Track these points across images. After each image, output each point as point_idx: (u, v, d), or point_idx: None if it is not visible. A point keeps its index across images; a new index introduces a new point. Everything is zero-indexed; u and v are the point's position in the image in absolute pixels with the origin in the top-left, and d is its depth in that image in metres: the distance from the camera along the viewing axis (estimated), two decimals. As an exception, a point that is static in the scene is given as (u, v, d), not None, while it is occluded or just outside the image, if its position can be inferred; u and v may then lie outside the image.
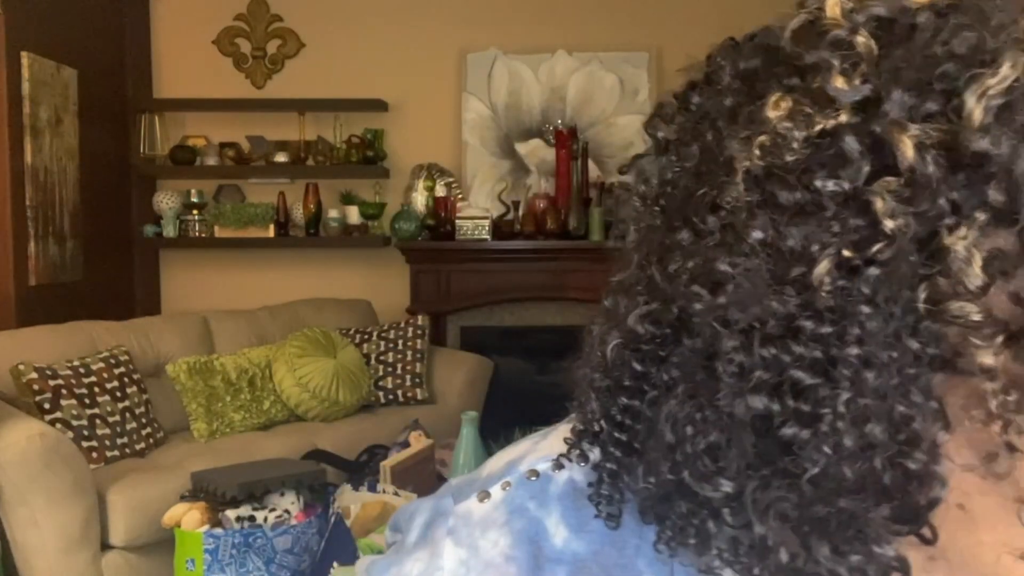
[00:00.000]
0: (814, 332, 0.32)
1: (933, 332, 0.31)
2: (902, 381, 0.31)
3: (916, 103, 0.31)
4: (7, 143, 3.66)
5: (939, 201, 0.30)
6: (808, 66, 0.33)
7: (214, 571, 2.70)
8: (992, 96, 0.30)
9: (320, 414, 3.95)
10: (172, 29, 4.81)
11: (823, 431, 0.32)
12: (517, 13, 4.67)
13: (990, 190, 0.30)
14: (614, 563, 0.41)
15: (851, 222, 0.31)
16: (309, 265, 4.83)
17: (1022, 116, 0.30)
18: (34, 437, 2.79)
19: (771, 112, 0.33)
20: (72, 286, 4.13)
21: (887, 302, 0.31)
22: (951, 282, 0.30)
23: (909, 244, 0.31)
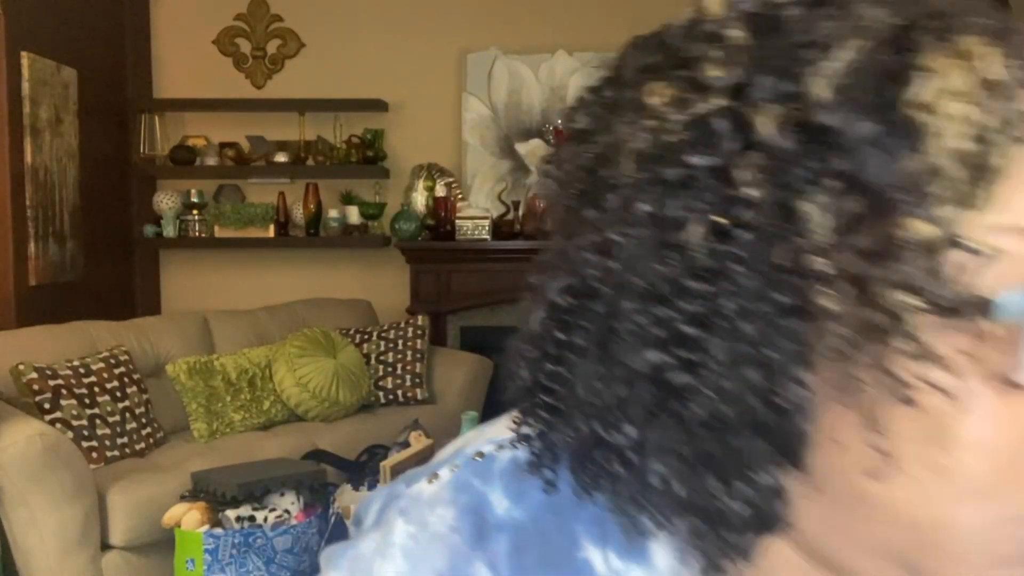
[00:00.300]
0: (695, 290, 0.36)
1: (795, 286, 0.35)
2: (771, 329, 0.36)
3: (777, 86, 0.36)
4: (7, 143, 3.66)
5: (795, 171, 0.35)
6: (690, 58, 0.38)
7: (214, 571, 2.70)
8: (833, 76, 0.35)
9: (320, 414, 3.95)
10: (172, 29, 4.81)
11: (706, 377, 0.37)
12: (517, 13, 4.67)
13: (836, 159, 0.35)
14: (553, 527, 0.46)
15: (720, 192, 0.36)
16: (309, 265, 4.83)
17: (860, 93, 0.35)
18: (34, 437, 2.79)
19: (656, 99, 0.38)
20: (72, 286, 4.13)
21: (755, 261, 0.36)
22: (807, 242, 0.35)
23: (771, 210, 0.35)
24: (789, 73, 0.36)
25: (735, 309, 0.36)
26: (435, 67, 4.74)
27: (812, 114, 0.35)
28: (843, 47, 0.35)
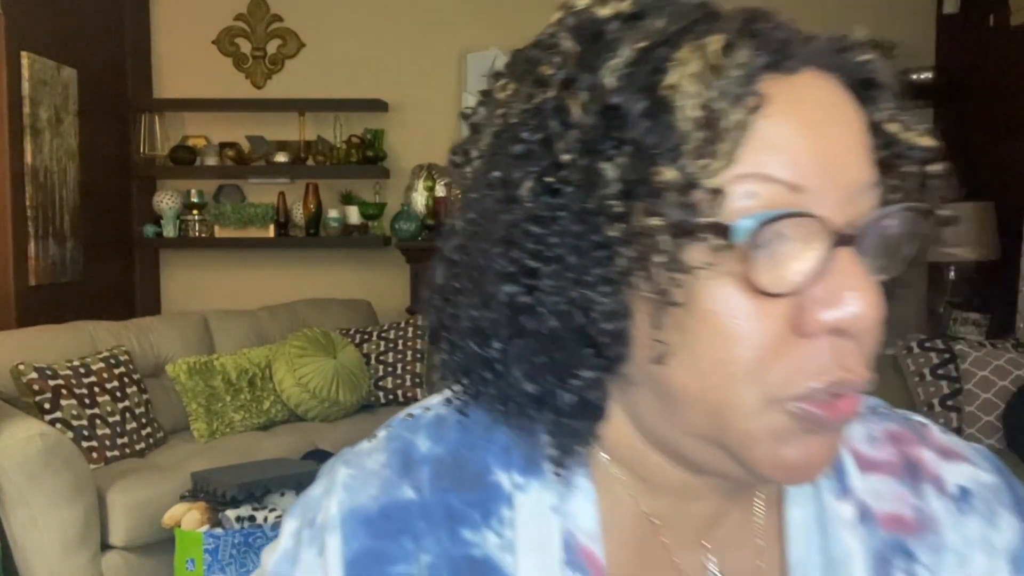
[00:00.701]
0: (533, 232, 0.48)
1: (601, 224, 0.47)
2: (587, 259, 0.48)
3: (592, 80, 0.48)
4: (7, 143, 3.66)
5: (596, 140, 0.47)
6: (535, 62, 0.51)
7: (214, 571, 2.70)
8: (616, 69, 0.47)
9: (320, 414, 3.95)
10: (172, 29, 4.81)
11: (543, 298, 0.49)
12: (517, 13, 4.67)
13: (622, 129, 0.47)
14: (467, 458, 0.57)
15: (548, 160, 0.48)
16: (309, 265, 4.83)
17: (639, 81, 0.47)
18: (34, 437, 2.78)
19: (506, 93, 0.52)
20: (72, 286, 4.13)
21: (574, 208, 0.48)
22: (607, 191, 0.47)
23: (582, 170, 0.47)
24: (594, 69, 0.48)
25: (561, 245, 0.48)
26: (435, 67, 4.73)
27: (605, 98, 0.47)
28: (626, 47, 0.47)
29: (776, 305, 0.47)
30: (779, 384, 0.48)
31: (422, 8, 4.74)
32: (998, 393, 3.25)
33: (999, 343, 3.46)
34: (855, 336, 0.47)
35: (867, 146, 0.50)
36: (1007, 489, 0.62)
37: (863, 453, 0.61)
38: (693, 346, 0.48)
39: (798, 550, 0.58)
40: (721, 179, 0.46)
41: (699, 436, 0.51)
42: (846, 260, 0.47)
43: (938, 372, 3.48)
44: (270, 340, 4.15)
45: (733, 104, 0.45)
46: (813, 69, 0.50)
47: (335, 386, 3.94)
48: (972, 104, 4.39)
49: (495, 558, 0.55)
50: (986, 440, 3.24)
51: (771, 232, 0.46)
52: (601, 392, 0.52)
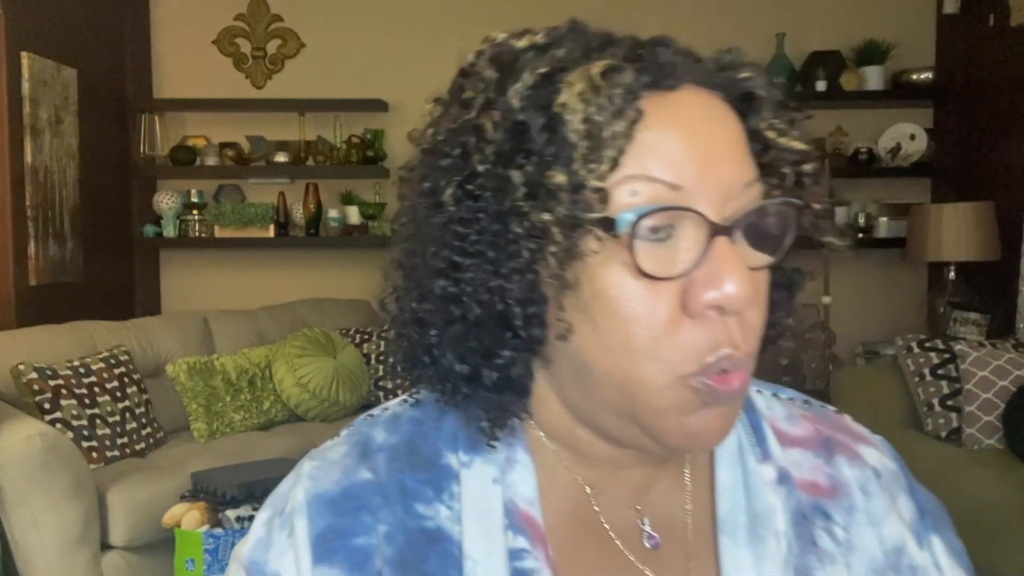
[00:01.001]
0: (459, 232, 0.57)
1: (512, 223, 0.55)
2: (503, 253, 0.56)
3: (501, 101, 0.57)
4: (7, 143, 3.66)
5: (505, 152, 0.56)
6: (461, 88, 0.60)
7: (214, 571, 2.70)
8: (520, 91, 0.56)
9: (320, 414, 3.95)
10: (172, 29, 4.81)
11: (468, 289, 0.57)
12: (517, 13, 4.67)
13: (530, 144, 0.55)
14: (420, 444, 0.65)
15: (468, 170, 0.57)
16: (309, 265, 4.83)
17: (538, 101, 0.55)
18: (34, 437, 2.78)
19: (437, 115, 0.61)
20: (72, 286, 4.13)
21: (491, 210, 0.56)
22: (515, 195, 0.55)
23: (495, 178, 0.56)
24: (506, 92, 0.57)
25: (480, 242, 0.56)
26: (435, 67, 4.71)
27: (513, 116, 0.56)
28: (529, 73, 0.57)
29: (665, 288, 0.55)
30: (678, 360, 0.55)
31: (422, 8, 4.74)
32: (998, 393, 3.25)
33: (999, 343, 3.46)
34: (734, 313, 0.55)
35: (744, 150, 0.58)
36: (903, 475, 0.72)
37: (783, 430, 0.69)
38: (598, 327, 0.56)
39: (725, 507, 0.65)
40: (606, 181, 0.54)
41: (614, 411, 0.59)
42: (722, 248, 0.55)
43: (938, 372, 3.48)
44: (270, 340, 4.15)
45: (614, 117, 0.54)
46: (692, 86, 0.58)
47: (335, 386, 3.94)
48: (972, 104, 4.38)
49: (446, 528, 0.61)
50: (986, 440, 3.24)
51: (652, 224, 0.54)
52: (522, 370, 0.60)
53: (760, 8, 4.69)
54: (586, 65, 0.56)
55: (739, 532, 0.64)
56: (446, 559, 0.61)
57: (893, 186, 4.66)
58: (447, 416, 0.65)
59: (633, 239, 0.54)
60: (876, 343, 4.49)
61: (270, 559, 0.63)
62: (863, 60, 4.56)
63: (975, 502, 2.84)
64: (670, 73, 0.57)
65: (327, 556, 0.61)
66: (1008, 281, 3.92)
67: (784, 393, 0.74)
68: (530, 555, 0.61)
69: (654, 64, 0.57)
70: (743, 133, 0.59)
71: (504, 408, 0.61)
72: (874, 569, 0.66)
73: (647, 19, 4.71)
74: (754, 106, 0.60)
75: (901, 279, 4.74)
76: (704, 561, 0.64)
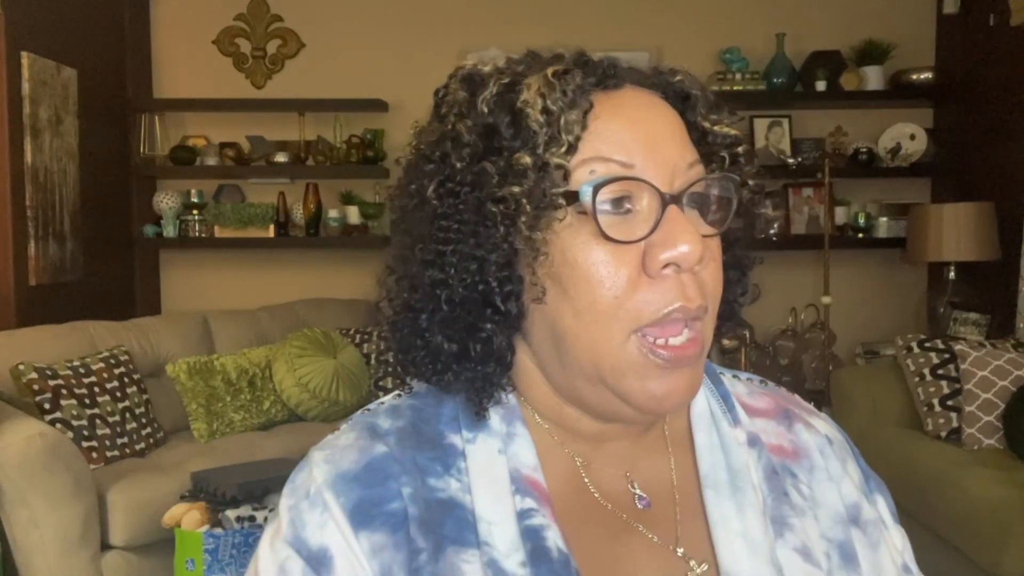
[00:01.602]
0: (441, 225, 0.66)
1: (488, 210, 0.65)
2: (480, 239, 0.65)
3: (477, 111, 0.67)
4: (7, 143, 3.66)
5: (479, 150, 0.66)
6: (441, 104, 0.71)
7: (214, 571, 2.70)
8: (487, 99, 0.66)
9: (320, 414, 3.95)
10: (172, 29, 4.81)
11: (452, 273, 0.66)
12: (517, 13, 4.67)
13: (500, 140, 0.65)
14: (424, 428, 0.70)
15: (446, 169, 0.67)
16: (309, 265, 4.83)
17: (503, 104, 0.66)
18: (34, 437, 2.78)
19: (418, 130, 0.72)
20: (72, 286, 4.13)
21: (469, 202, 0.65)
22: (490, 185, 0.65)
23: (471, 173, 0.66)
24: (475, 104, 0.67)
25: (462, 231, 0.65)
26: (435, 67, 4.69)
27: (483, 120, 0.66)
28: (494, 84, 0.67)
29: (626, 253, 0.64)
30: (635, 314, 0.64)
31: (422, 8, 4.73)
32: (998, 393, 3.25)
33: (999, 343, 3.46)
34: (688, 269, 0.64)
35: (685, 137, 0.68)
36: (848, 445, 0.81)
37: (747, 403, 0.78)
38: (567, 292, 0.65)
39: (706, 464, 0.73)
40: (567, 161, 0.64)
41: (586, 377, 0.66)
42: (674, 214, 0.64)
43: (938, 372, 3.48)
44: (270, 340, 4.15)
45: (568, 108, 0.64)
46: (633, 86, 0.69)
47: (335, 386, 3.94)
48: (972, 104, 4.38)
49: (458, 498, 0.67)
50: (986, 440, 3.24)
51: (612, 197, 0.64)
52: (504, 342, 0.68)
53: (760, 8, 4.69)
54: (540, 69, 0.67)
55: (721, 486, 0.71)
56: (462, 523, 0.66)
57: (893, 186, 4.66)
58: (445, 402, 0.72)
59: (595, 208, 0.63)
60: (876, 343, 4.49)
61: (308, 536, 0.66)
62: (863, 60, 4.56)
63: (975, 502, 2.84)
64: (612, 75, 0.68)
65: (367, 522, 0.65)
66: (1008, 281, 3.92)
67: (742, 375, 0.83)
68: (538, 513, 0.66)
69: (598, 68, 0.67)
70: (682, 124, 0.69)
71: (489, 379, 0.69)
72: (838, 521, 0.73)
73: (648, 20, 4.73)
74: (689, 103, 0.71)
75: (901, 279, 4.74)
76: (692, 515, 0.71)
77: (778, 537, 0.70)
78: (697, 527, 0.70)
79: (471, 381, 0.69)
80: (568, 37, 4.84)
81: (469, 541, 0.65)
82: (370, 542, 0.65)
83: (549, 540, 0.65)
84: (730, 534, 0.69)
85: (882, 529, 0.75)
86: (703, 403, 0.75)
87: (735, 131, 0.71)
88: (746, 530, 0.69)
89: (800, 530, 0.70)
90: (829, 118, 4.70)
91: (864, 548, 0.73)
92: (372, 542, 0.65)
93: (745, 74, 4.53)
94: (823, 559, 0.70)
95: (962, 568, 2.87)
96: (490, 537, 0.65)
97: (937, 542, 2.99)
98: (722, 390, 0.77)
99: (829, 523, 0.73)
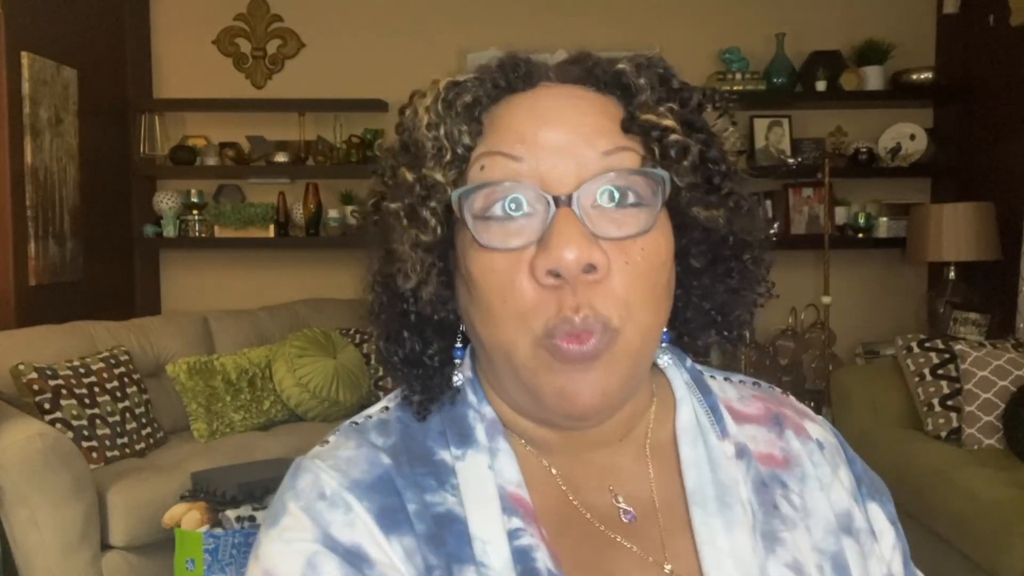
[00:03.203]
0: (389, 235, 0.67)
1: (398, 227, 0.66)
2: (392, 251, 0.67)
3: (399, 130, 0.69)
4: (7, 143, 3.66)
5: (395, 170, 0.68)
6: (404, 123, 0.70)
7: (214, 571, 2.70)
8: (401, 120, 0.69)
9: (320, 414, 3.95)
10: (172, 29, 4.81)
11: (399, 278, 0.66)
12: (517, 13, 4.67)
13: (403, 156, 0.67)
14: (413, 445, 0.69)
15: (378, 184, 0.69)
16: (309, 265, 4.83)
17: (406, 122, 0.68)
18: (34, 437, 2.78)
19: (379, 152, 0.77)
20: (72, 286, 4.13)
21: (405, 215, 0.65)
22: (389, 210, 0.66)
23: (408, 191, 0.66)
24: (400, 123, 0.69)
25: (404, 239, 0.65)
26: (435, 67, 4.69)
27: (399, 139, 0.68)
28: (409, 104, 0.69)
29: (515, 260, 0.61)
30: (529, 323, 0.62)
31: (422, 8, 4.74)
32: (998, 393, 3.25)
33: (999, 343, 3.46)
34: (571, 278, 0.60)
35: (604, 126, 0.64)
36: (842, 448, 0.77)
37: (737, 409, 0.75)
38: (474, 301, 0.64)
39: (693, 480, 0.69)
40: (448, 174, 0.64)
41: (511, 380, 0.66)
42: (561, 217, 0.60)
43: (938, 372, 3.48)
44: (270, 340, 4.15)
45: (455, 119, 0.64)
46: (548, 83, 0.67)
47: (335, 386, 3.94)
48: (972, 104, 4.38)
49: (455, 511, 0.65)
50: (986, 440, 3.24)
51: (491, 200, 0.62)
52: (435, 347, 0.70)
53: (760, 8, 4.69)
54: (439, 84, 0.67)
55: (708, 503, 0.68)
56: (461, 538, 0.64)
57: (893, 186, 4.66)
58: (431, 417, 0.70)
59: (463, 214, 0.62)
60: (876, 343, 4.49)
61: (337, 534, 0.63)
62: (863, 60, 4.56)
63: (975, 502, 2.84)
64: (524, 76, 0.66)
65: (395, 527, 0.64)
66: (1008, 281, 3.92)
67: (735, 377, 0.80)
68: (525, 532, 0.64)
69: (510, 71, 0.66)
70: (608, 113, 0.65)
71: (423, 382, 0.70)
72: (830, 531, 0.71)
73: (648, 20, 4.73)
74: (627, 92, 0.66)
75: (901, 279, 4.74)
76: (678, 532, 0.69)
77: (769, 553, 0.67)
78: (684, 543, 0.68)
79: (409, 385, 0.70)
80: (567, 37, 4.90)
81: (467, 557, 0.63)
82: (402, 546, 0.63)
83: (539, 561, 0.63)
84: (718, 553, 0.67)
85: (872, 540, 0.73)
86: (689, 414, 0.72)
87: (667, 122, 0.65)
88: (734, 548, 0.67)
89: (791, 544, 0.68)
90: (829, 118, 4.70)
91: (856, 558, 0.71)
92: (404, 546, 0.63)
93: (745, 74, 4.53)
94: (815, 573, 0.68)
95: (962, 568, 2.86)
96: (485, 556, 0.63)
97: (937, 542, 2.99)
98: (710, 400, 0.74)
99: (821, 534, 0.70)
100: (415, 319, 0.69)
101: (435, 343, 0.70)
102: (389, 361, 0.71)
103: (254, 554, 0.64)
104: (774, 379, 0.85)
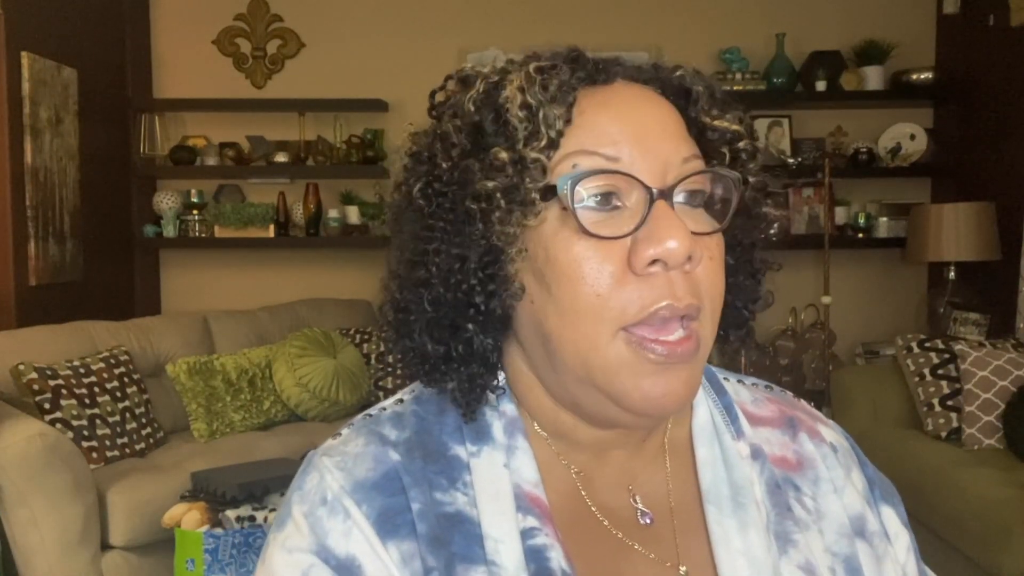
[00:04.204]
0: (427, 223, 0.66)
1: (471, 208, 0.64)
2: (463, 237, 0.64)
3: (465, 110, 0.66)
4: (7, 143, 3.66)
5: (469, 151, 0.65)
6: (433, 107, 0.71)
7: (214, 571, 2.70)
8: (473, 98, 0.66)
9: (320, 414, 3.95)
10: (172, 29, 4.81)
11: (434, 271, 0.65)
12: (517, 13, 4.67)
13: (486, 138, 0.65)
14: (428, 441, 0.69)
15: (433, 170, 0.67)
16: (309, 265, 4.83)
17: (488, 102, 0.65)
18: (34, 437, 2.78)
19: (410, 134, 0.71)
20: (72, 286, 4.13)
21: (450, 197, 0.65)
22: (474, 182, 0.64)
23: (457, 171, 0.65)
24: (463, 103, 0.66)
25: (446, 229, 0.65)
26: (435, 67, 4.69)
27: (470, 119, 0.66)
28: (480, 83, 0.66)
29: (611, 249, 0.62)
30: (620, 311, 0.61)
31: (422, 8, 4.74)
32: (998, 393, 3.25)
33: (999, 343, 3.46)
34: (676, 267, 0.61)
35: (681, 131, 0.66)
36: (854, 452, 0.78)
37: (751, 411, 0.76)
38: (551, 290, 0.63)
39: (708, 480, 0.70)
40: (546, 156, 0.63)
41: (577, 378, 0.64)
42: (661, 210, 0.62)
43: (938, 372, 3.48)
44: (270, 340, 4.15)
45: (550, 102, 0.63)
46: (626, 81, 0.67)
47: (335, 386, 3.94)
48: (972, 104, 4.38)
49: (465, 512, 0.65)
50: (986, 440, 3.24)
51: (595, 192, 0.62)
52: (488, 341, 0.67)
53: (760, 8, 4.69)
54: (521, 69, 0.66)
55: (723, 502, 0.69)
56: (470, 538, 0.64)
57: (893, 186, 4.66)
58: (447, 412, 0.70)
59: (573, 203, 0.62)
60: (876, 343, 4.49)
61: (333, 545, 0.64)
62: (863, 60, 4.56)
63: (975, 502, 2.84)
64: (603, 70, 0.67)
65: (394, 531, 0.64)
66: (1008, 281, 3.92)
67: (747, 380, 0.81)
68: (540, 532, 0.65)
69: (588, 63, 0.67)
70: (679, 119, 0.67)
71: (474, 381, 0.68)
72: (843, 534, 0.72)
73: (648, 20, 4.73)
74: (690, 99, 0.69)
75: (901, 279, 4.74)
76: (692, 532, 0.69)
77: (782, 554, 0.68)
78: (698, 543, 0.69)
79: (458, 383, 0.68)
80: (568, 37, 4.88)
81: (477, 557, 0.63)
82: (399, 551, 0.64)
83: (553, 561, 0.64)
84: (732, 553, 0.67)
85: (886, 543, 0.74)
86: (705, 414, 0.73)
87: (736, 127, 0.69)
88: (748, 548, 0.68)
89: (804, 546, 0.69)
90: (829, 118, 4.70)
91: (870, 561, 0.71)
92: (401, 551, 0.64)
93: (745, 74, 4.53)
94: (827, 575, 0.69)
95: (962, 568, 2.86)
96: (496, 555, 0.63)
97: (937, 542, 2.99)
98: (725, 400, 0.75)
99: (834, 537, 0.71)
100: (473, 312, 0.65)
101: (491, 338, 0.67)
102: (433, 358, 0.68)
103: (262, 557, 0.67)
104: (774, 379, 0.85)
